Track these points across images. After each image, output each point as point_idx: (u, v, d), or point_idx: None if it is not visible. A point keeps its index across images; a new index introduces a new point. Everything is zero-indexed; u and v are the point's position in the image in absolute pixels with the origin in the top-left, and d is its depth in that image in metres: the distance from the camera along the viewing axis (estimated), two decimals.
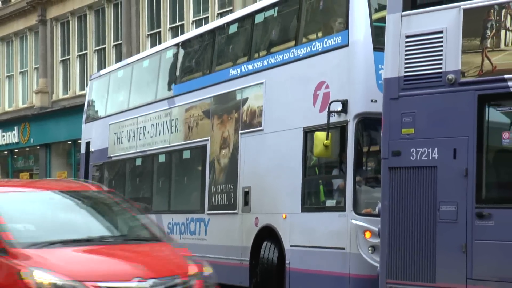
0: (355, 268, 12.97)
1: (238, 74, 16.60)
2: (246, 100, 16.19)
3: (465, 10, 10.47)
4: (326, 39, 14.18)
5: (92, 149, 23.23)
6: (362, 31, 13.37)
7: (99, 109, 23.60)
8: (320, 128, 13.42)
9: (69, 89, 36.94)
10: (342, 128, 13.37)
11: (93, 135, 23.30)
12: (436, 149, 10.59)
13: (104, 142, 22.44)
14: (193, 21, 29.76)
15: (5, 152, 41.57)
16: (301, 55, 14.73)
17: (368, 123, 13.39)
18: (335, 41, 13.87)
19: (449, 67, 10.55)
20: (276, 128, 15.18)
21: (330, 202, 13.82)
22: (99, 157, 22.74)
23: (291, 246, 14.34)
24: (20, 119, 39.36)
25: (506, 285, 9.78)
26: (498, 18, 10.21)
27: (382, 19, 13.67)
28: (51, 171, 37.97)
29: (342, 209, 13.25)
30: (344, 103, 13.31)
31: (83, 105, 25.80)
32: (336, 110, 13.33)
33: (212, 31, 18.72)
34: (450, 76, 10.51)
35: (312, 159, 14.18)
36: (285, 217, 14.55)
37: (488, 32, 10.25)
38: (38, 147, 38.56)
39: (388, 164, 11.14)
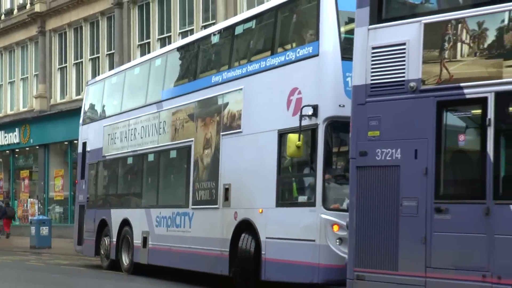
0: (324, 258, 12.94)
1: (220, 81, 16.59)
2: (226, 104, 16.20)
3: (426, 25, 10.51)
4: (298, 49, 14.19)
5: (88, 149, 23.22)
6: (331, 42, 13.38)
7: (95, 112, 23.56)
8: (293, 130, 13.38)
9: (66, 94, 36.87)
10: (313, 131, 13.34)
11: (89, 136, 23.27)
12: (399, 150, 10.61)
13: (99, 142, 22.41)
14: (179, 32, 29.75)
15: (7, 151, 41.43)
16: (276, 64, 14.73)
17: (337, 126, 13.35)
18: (307, 51, 13.88)
19: (411, 76, 10.57)
20: (253, 130, 15.18)
21: (302, 198, 13.81)
22: (94, 156, 22.72)
23: (266, 238, 14.33)
24: (21, 121, 39.25)
25: (461, 272, 9.78)
26: (455, 31, 10.23)
27: (350, 31, 13.72)
28: (49, 169, 37.88)
29: (313, 204, 13.22)
30: (315, 108, 13.31)
31: (79, 108, 25.81)
32: (307, 114, 13.33)
33: (196, 42, 18.72)
34: (412, 84, 10.53)
35: (285, 159, 14.15)
36: (262, 211, 14.55)
37: (446, 44, 10.28)
38: (38, 147, 38.45)
39: (356, 163, 11.15)
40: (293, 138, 13.17)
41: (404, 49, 10.68)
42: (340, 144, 13.76)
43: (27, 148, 40.14)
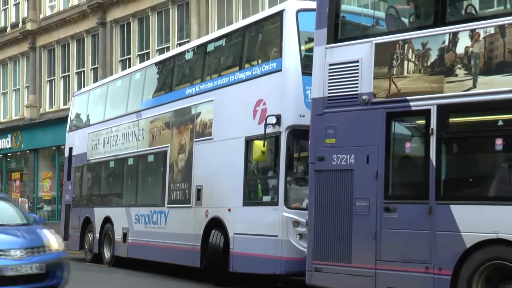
0: (285, 252, 12.99)
1: (193, 93, 16.59)
2: (199, 114, 16.18)
3: (376, 44, 10.54)
4: (264, 65, 14.21)
5: (74, 153, 23.10)
6: (293, 59, 13.43)
7: (80, 120, 23.44)
8: (258, 137, 13.43)
9: (54, 104, 36.66)
10: (276, 138, 13.37)
11: (75, 142, 23.15)
12: (352, 156, 10.63)
13: (84, 147, 22.31)
14: (157, 49, 29.68)
15: (0, 155, 41.06)
16: (243, 78, 14.76)
17: (297, 134, 13.40)
18: (271, 66, 13.91)
19: (363, 90, 10.59)
20: (223, 137, 15.19)
21: (266, 198, 13.83)
22: (79, 160, 22.61)
23: (234, 234, 14.34)
24: (13, 128, 38.94)
25: (406, 264, 9.81)
26: (402, 51, 10.26)
27: (309, 49, 13.77)
28: (39, 171, 37.61)
29: (276, 204, 13.27)
30: (278, 117, 13.34)
31: (66, 117, 25.66)
32: (271, 123, 13.36)
33: (172, 58, 18.72)
34: (364, 97, 10.56)
35: (252, 163, 14.17)
36: (230, 210, 14.55)
37: (394, 62, 10.31)
38: (28, 151, 38.16)
39: (314, 167, 11.14)
40: (258, 144, 13.20)
41: (357, 66, 10.70)
42: (300, 150, 13.79)
43: (19, 153, 39.81)
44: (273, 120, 13.38)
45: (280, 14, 13.97)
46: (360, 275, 10.35)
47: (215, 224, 15.04)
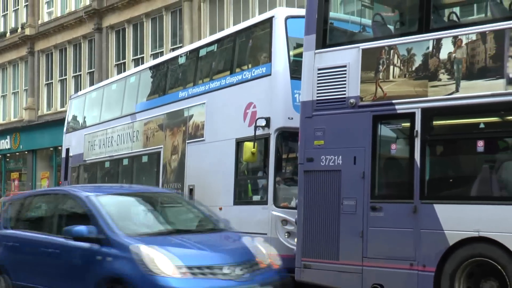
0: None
1: (186, 96, 16.56)
2: (191, 116, 16.15)
3: (363, 50, 10.54)
4: (254, 69, 14.21)
5: (71, 154, 23.04)
6: (282, 63, 13.41)
7: (77, 122, 23.38)
8: (248, 139, 13.41)
9: (52, 107, 36.59)
10: (265, 139, 13.36)
11: (72, 143, 23.07)
12: (340, 157, 10.62)
13: (80, 148, 22.23)
14: (151, 54, 29.66)
15: (0, 156, 41.01)
16: (234, 82, 14.74)
17: (286, 136, 13.38)
18: (261, 71, 13.90)
19: (351, 94, 10.58)
20: (214, 138, 15.16)
21: (256, 198, 13.83)
22: (76, 161, 22.53)
23: None
24: (12, 130, 38.86)
25: (392, 261, 9.82)
26: (388, 56, 10.27)
27: (298, 55, 13.78)
28: (37, 171, 37.55)
29: (265, 203, 13.26)
30: (268, 120, 13.32)
31: (63, 119, 25.58)
32: (261, 125, 13.34)
33: (166, 62, 18.69)
34: (351, 100, 10.55)
35: (242, 164, 14.14)
36: (221, 209, 14.49)
37: (381, 67, 10.31)
38: (26, 152, 38.10)
39: (304, 168, 11.12)
40: (248, 145, 13.20)
41: (345, 70, 10.69)
42: (289, 151, 13.77)
43: (17, 153, 39.72)
44: (262, 122, 13.36)
45: (269, 20, 13.97)
46: (347, 271, 10.34)
47: None
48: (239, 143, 14.05)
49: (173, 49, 26.76)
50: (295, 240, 12.92)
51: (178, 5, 28.31)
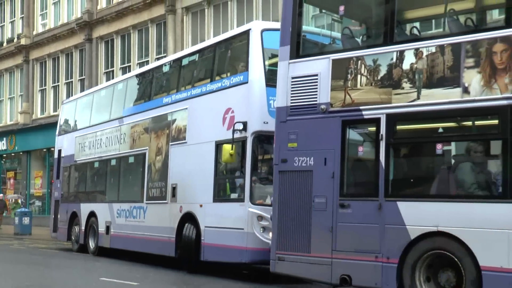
0: (250, 243, 12.92)
1: (169, 102, 16.47)
2: (174, 120, 16.08)
3: (333, 60, 10.54)
4: (232, 78, 14.16)
5: (62, 155, 22.87)
6: (258, 72, 13.38)
7: (69, 126, 23.19)
8: (227, 141, 13.35)
9: (45, 111, 36.40)
10: (243, 142, 13.31)
11: (64, 145, 22.89)
12: (312, 158, 10.60)
13: (72, 150, 22.08)
14: (137, 63, 29.58)
15: None
16: (214, 89, 14.68)
17: (262, 139, 13.33)
18: (238, 79, 13.86)
19: (322, 100, 10.57)
20: (196, 141, 15.09)
21: (233, 195, 13.73)
22: (67, 161, 22.37)
23: (205, 227, 14.25)
24: (8, 132, 38.64)
25: (359, 254, 9.82)
26: (356, 66, 10.27)
27: (273, 64, 13.78)
28: (31, 171, 37.37)
29: (242, 200, 13.21)
30: (245, 124, 13.29)
31: (55, 122, 25.40)
32: (238, 128, 13.30)
33: (151, 70, 18.61)
34: (322, 106, 10.53)
35: (221, 164, 14.07)
36: (201, 206, 14.47)
37: (349, 76, 10.31)
38: (21, 153, 37.88)
39: (278, 168, 11.08)
40: (227, 147, 13.15)
41: (316, 79, 10.67)
42: (264, 153, 13.72)
43: (13, 154, 39.44)
44: (240, 126, 13.32)
45: (246, 33, 13.94)
46: (318, 263, 10.32)
47: (188, 218, 14.92)
48: (219, 145, 13.98)
49: (158, 58, 26.67)
50: (270, 234, 12.90)
51: (163, 18, 28.28)
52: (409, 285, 9.35)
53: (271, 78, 13.43)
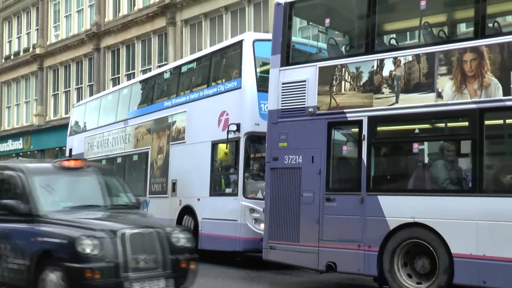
0: (243, 233, 12.92)
1: (170, 105, 16.39)
2: (174, 122, 15.99)
3: (320, 68, 10.46)
4: (227, 83, 14.13)
5: (73, 153, 22.73)
6: (250, 79, 13.35)
7: (79, 127, 23.07)
8: (222, 141, 13.32)
9: (57, 114, 36.23)
10: (236, 142, 13.28)
11: (74, 144, 22.73)
12: (300, 156, 10.50)
13: (81, 149, 21.90)
14: (141, 70, 29.46)
15: (13, 155, 40.43)
16: (211, 93, 14.62)
17: (253, 139, 13.33)
18: (232, 85, 13.83)
19: (309, 104, 10.48)
20: (194, 141, 15.02)
21: (228, 190, 13.69)
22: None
23: (202, 218, 14.19)
24: (24, 133, 38.48)
25: (343, 243, 9.79)
26: (340, 73, 10.22)
27: (264, 71, 13.76)
28: None
29: (236, 194, 13.18)
30: (238, 125, 13.25)
31: (67, 124, 25.25)
32: (232, 130, 13.26)
33: (153, 77, 18.54)
34: (310, 109, 10.44)
35: (216, 162, 14.01)
36: (199, 199, 14.41)
37: (334, 81, 10.25)
38: (36, 152, 37.69)
39: (270, 166, 10.98)
40: (222, 147, 13.11)
41: (304, 84, 10.58)
42: (255, 152, 13.71)
43: (28, 153, 39.23)
44: (234, 127, 13.27)
45: (240, 43, 13.90)
46: (306, 252, 10.25)
47: (187, 211, 14.85)
48: (214, 145, 13.92)
49: (160, 66, 26.56)
50: (261, 225, 12.86)
51: (164, 30, 28.17)
52: (388, 271, 9.33)
53: (262, 84, 13.40)
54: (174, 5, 27.30)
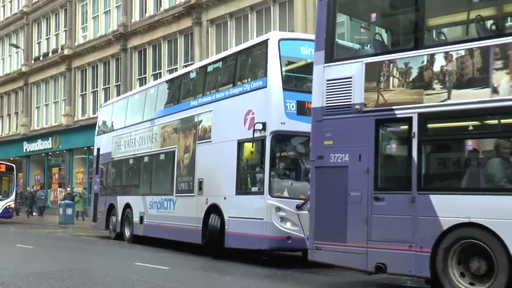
0: (269, 232, 12.86)
1: (196, 105, 16.42)
2: (201, 121, 16.01)
3: (366, 64, 10.16)
4: (252, 82, 14.08)
5: (101, 152, 22.92)
6: (276, 78, 13.29)
7: (106, 126, 23.24)
8: (248, 140, 13.29)
9: (85, 113, 36.53)
10: (262, 141, 13.23)
11: (102, 144, 22.93)
12: (347, 155, 10.18)
13: (109, 148, 22.11)
14: (167, 70, 29.59)
15: (43, 154, 40.91)
16: (236, 93, 14.60)
17: (279, 138, 13.27)
18: (258, 84, 13.78)
19: (356, 101, 10.17)
20: (220, 140, 15.02)
21: (254, 189, 13.64)
22: (105, 158, 22.40)
23: (229, 217, 14.18)
24: (53, 133, 38.86)
25: (393, 243, 9.46)
26: (388, 69, 9.92)
27: (289, 70, 13.74)
28: (73, 167, 37.51)
29: (262, 193, 13.14)
30: (264, 124, 13.21)
31: (95, 124, 25.46)
32: (258, 128, 13.23)
33: (179, 77, 18.57)
34: (357, 107, 10.12)
35: (242, 161, 13.98)
36: (225, 198, 14.41)
37: (382, 78, 9.96)
38: (65, 151, 38.06)
39: (315, 164, 10.64)
40: (248, 145, 13.10)
41: (350, 81, 10.28)
42: (281, 150, 13.67)
43: (57, 152, 39.64)
44: (259, 126, 13.24)
45: (265, 42, 13.85)
46: (354, 252, 9.94)
47: (213, 209, 14.85)
48: (240, 144, 13.90)
49: (186, 66, 26.65)
50: (287, 224, 12.85)
51: (190, 30, 28.25)
52: (442, 272, 9.03)
53: (287, 83, 13.36)
54: (200, 5, 27.37)
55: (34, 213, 37.22)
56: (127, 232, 19.95)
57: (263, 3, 24.67)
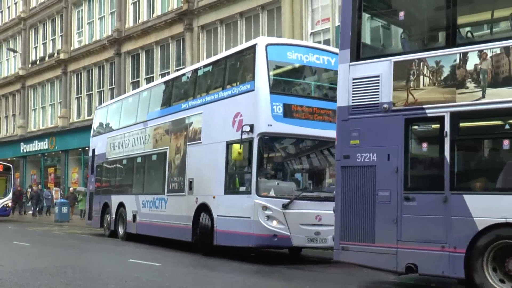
0: (256, 230, 12.87)
1: (187, 107, 16.42)
2: (191, 123, 16.02)
3: (395, 62, 9.76)
4: (241, 86, 14.10)
5: (96, 153, 22.87)
6: (263, 81, 13.31)
7: (101, 128, 23.20)
8: (236, 141, 13.30)
9: (81, 116, 36.44)
10: (250, 142, 13.25)
11: (97, 145, 22.89)
12: (375, 154, 9.75)
13: (104, 149, 22.07)
14: (159, 74, 29.57)
15: (39, 155, 40.77)
16: (225, 96, 14.63)
17: (266, 139, 13.27)
18: (246, 87, 13.79)
19: (384, 100, 9.76)
20: (209, 141, 15.04)
21: (242, 188, 13.65)
22: (100, 159, 22.36)
23: (218, 216, 14.19)
24: (49, 134, 38.72)
25: (425, 244, 9.07)
26: (418, 67, 9.53)
27: (276, 74, 13.76)
28: (69, 167, 37.38)
29: (249, 193, 13.15)
30: (251, 126, 13.22)
31: (90, 125, 25.42)
32: (246, 130, 13.24)
33: (171, 80, 18.56)
34: (385, 106, 9.72)
35: (231, 161, 13.98)
36: (215, 197, 14.41)
37: (411, 76, 9.56)
38: (60, 152, 37.94)
39: (341, 164, 10.20)
40: (236, 147, 13.10)
41: (378, 80, 9.87)
42: (268, 152, 13.66)
43: (53, 153, 39.51)
44: (247, 128, 13.25)
45: (253, 47, 13.87)
46: (383, 253, 9.51)
47: (203, 208, 14.86)
48: (229, 145, 13.90)
49: (177, 70, 26.64)
50: (273, 222, 12.88)
51: (182, 35, 28.28)
52: (477, 273, 8.68)
53: (275, 86, 13.39)
54: (191, 12, 27.40)
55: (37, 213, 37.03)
56: (120, 230, 19.92)
57: (252, 10, 24.73)
